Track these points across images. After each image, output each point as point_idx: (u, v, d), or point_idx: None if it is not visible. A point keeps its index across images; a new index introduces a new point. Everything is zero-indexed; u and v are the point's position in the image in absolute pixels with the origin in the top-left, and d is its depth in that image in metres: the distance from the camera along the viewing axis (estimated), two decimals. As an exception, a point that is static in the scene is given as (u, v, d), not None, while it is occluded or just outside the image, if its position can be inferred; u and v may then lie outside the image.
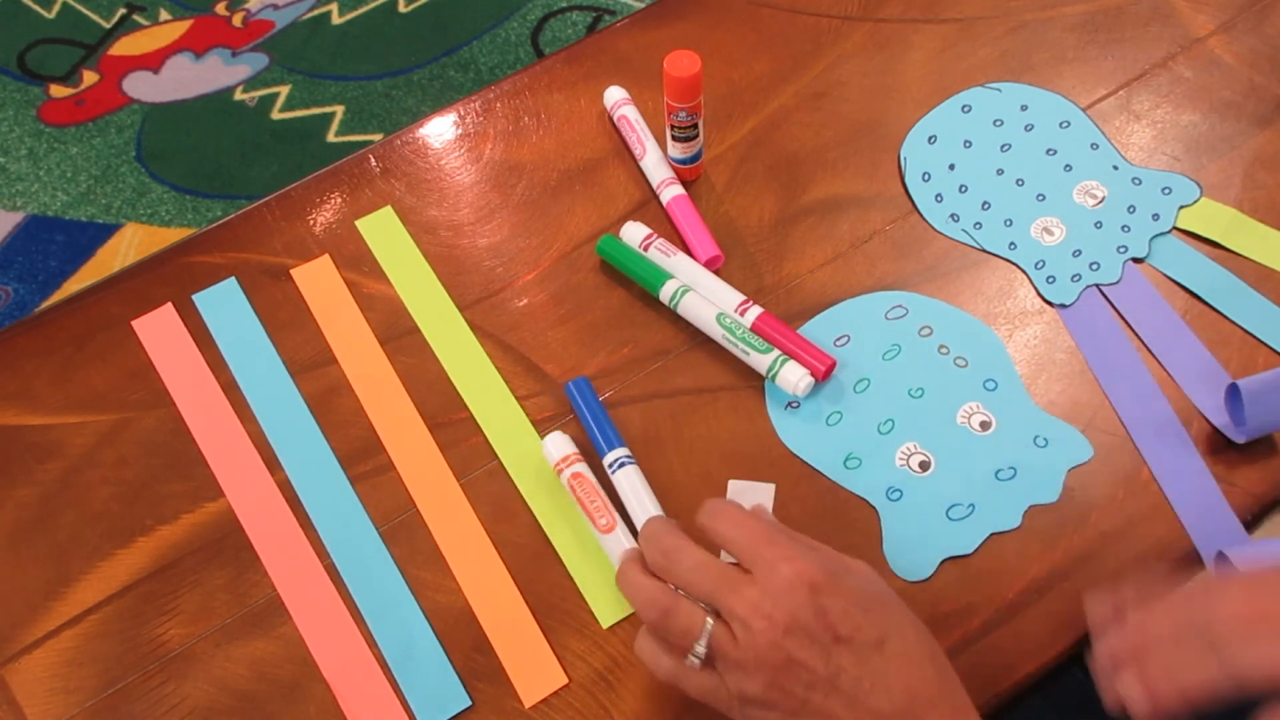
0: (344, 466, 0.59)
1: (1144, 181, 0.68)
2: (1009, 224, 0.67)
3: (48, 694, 0.53)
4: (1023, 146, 0.70)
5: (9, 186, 1.54)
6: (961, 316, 0.62)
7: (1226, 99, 0.71)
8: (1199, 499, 0.56)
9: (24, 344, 0.64)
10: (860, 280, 0.65)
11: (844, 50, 0.75)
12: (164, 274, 0.67)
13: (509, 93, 0.74)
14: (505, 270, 0.66)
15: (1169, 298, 0.63)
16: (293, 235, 0.68)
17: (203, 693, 0.53)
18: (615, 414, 0.60)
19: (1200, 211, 0.66)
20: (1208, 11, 0.75)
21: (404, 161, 0.71)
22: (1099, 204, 0.67)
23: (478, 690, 0.53)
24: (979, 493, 0.57)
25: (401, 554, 0.56)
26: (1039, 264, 0.65)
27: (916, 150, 0.70)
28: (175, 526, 0.58)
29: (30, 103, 1.63)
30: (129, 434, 0.61)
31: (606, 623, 0.54)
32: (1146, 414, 0.59)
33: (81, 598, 0.56)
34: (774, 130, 0.71)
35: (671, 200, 0.67)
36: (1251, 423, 0.56)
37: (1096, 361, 0.61)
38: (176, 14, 1.74)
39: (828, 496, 0.57)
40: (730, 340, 0.60)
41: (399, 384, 0.62)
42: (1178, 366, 0.61)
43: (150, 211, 1.51)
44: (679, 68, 0.62)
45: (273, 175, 1.54)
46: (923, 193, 0.68)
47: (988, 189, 0.68)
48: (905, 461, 0.58)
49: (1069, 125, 0.70)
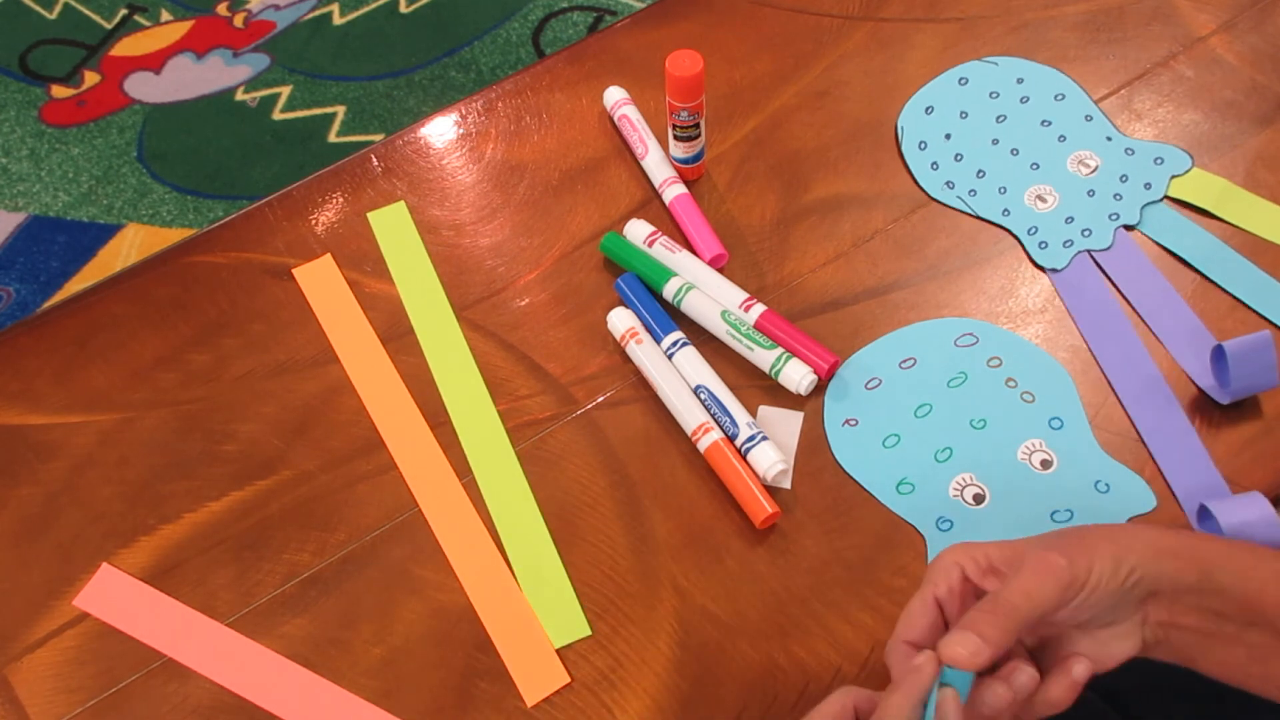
0: (346, 465, 0.59)
1: (1136, 152, 0.68)
2: (1003, 191, 0.67)
3: (50, 693, 0.53)
4: (1018, 117, 0.71)
5: (11, 187, 1.54)
6: (1034, 351, 0.61)
7: (1228, 98, 0.71)
8: (1184, 456, 0.57)
9: (26, 344, 0.64)
10: (862, 279, 0.65)
11: (845, 49, 0.75)
12: (165, 274, 0.67)
13: (510, 92, 0.74)
14: (507, 269, 0.66)
15: (1159, 264, 0.64)
16: (294, 235, 0.68)
17: (204, 692, 0.53)
18: (618, 412, 0.60)
19: (1192, 181, 0.67)
20: (1209, 11, 0.75)
21: (406, 161, 0.71)
22: (1092, 173, 0.68)
23: (479, 689, 0.53)
24: (1032, 532, 0.53)
25: (403, 553, 0.56)
26: (1032, 230, 0.66)
27: (913, 120, 0.71)
28: (178, 525, 0.58)
29: (32, 103, 1.63)
30: (131, 433, 0.61)
31: (559, 643, 0.53)
32: (1135, 375, 0.60)
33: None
34: (776, 129, 0.71)
35: (674, 199, 0.67)
36: (1236, 384, 0.57)
37: (1087, 325, 0.62)
38: (178, 15, 1.74)
39: (875, 518, 0.56)
40: (734, 336, 0.60)
41: (400, 383, 0.62)
42: (1166, 330, 0.61)
43: (151, 212, 1.51)
44: (681, 67, 0.62)
45: (274, 176, 1.54)
46: (919, 160, 0.69)
47: (983, 158, 0.69)
48: (959, 492, 0.57)
49: (1064, 98, 0.71)
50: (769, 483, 0.56)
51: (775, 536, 0.56)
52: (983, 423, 0.59)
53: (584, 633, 0.54)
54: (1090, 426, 0.58)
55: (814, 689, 0.51)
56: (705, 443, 0.57)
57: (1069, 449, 0.58)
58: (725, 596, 0.54)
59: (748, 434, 0.57)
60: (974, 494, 0.57)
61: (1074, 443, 0.58)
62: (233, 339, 0.64)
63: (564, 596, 0.55)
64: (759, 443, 0.56)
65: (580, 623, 0.54)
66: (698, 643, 0.53)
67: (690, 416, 0.58)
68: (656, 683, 0.52)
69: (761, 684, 0.52)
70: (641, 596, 0.55)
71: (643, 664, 0.53)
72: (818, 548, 0.55)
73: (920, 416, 0.59)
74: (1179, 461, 0.57)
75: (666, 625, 0.54)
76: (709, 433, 0.57)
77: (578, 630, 0.54)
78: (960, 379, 0.60)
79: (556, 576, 0.55)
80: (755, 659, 0.52)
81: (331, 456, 0.60)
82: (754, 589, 0.54)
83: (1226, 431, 0.58)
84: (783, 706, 0.51)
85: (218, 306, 0.66)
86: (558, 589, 0.55)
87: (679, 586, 0.55)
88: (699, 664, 0.52)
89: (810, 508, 0.57)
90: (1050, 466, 0.57)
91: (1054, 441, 0.58)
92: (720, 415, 0.58)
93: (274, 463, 0.60)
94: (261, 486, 0.59)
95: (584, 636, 0.54)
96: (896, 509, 0.56)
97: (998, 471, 0.57)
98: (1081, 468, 0.57)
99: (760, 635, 0.53)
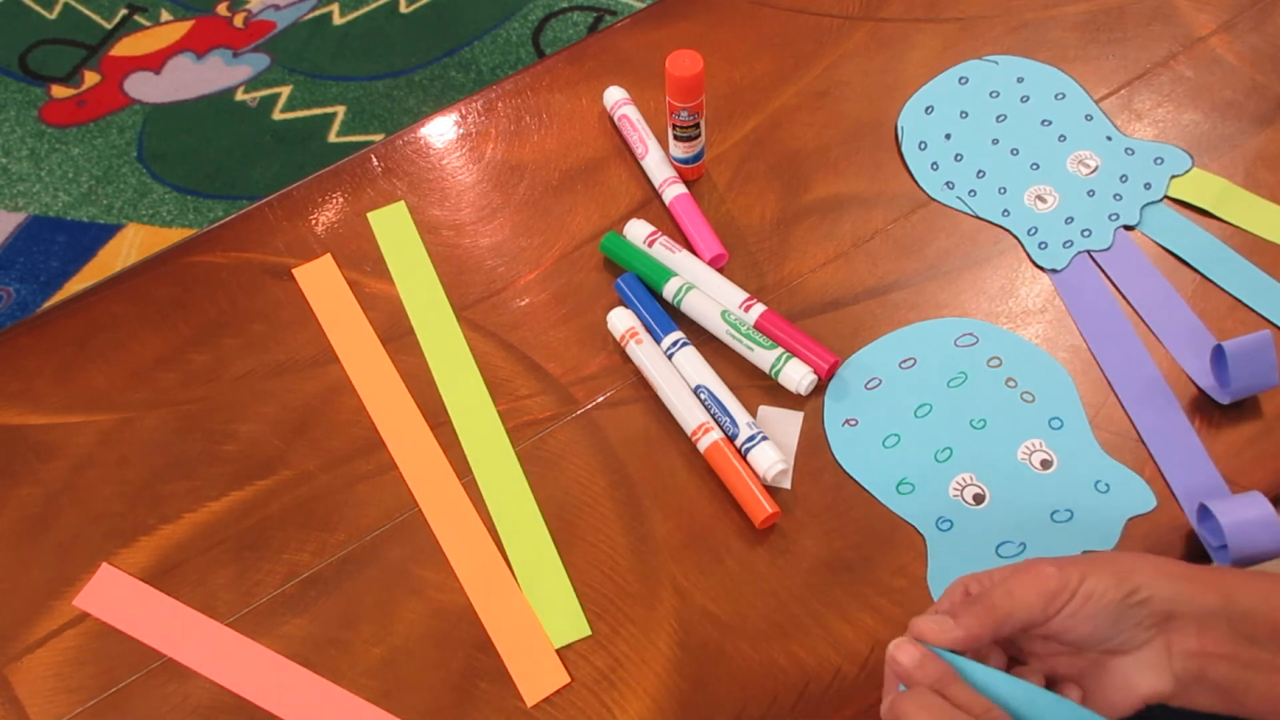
0: (346, 465, 0.59)
1: (1136, 152, 0.68)
2: (1003, 192, 0.67)
3: (50, 693, 0.53)
4: (1018, 117, 0.71)
5: (11, 187, 1.54)
6: (1034, 351, 0.61)
7: (1228, 98, 0.71)
8: (1184, 456, 0.57)
9: (26, 344, 0.64)
10: (862, 279, 0.65)
11: (845, 49, 0.75)
12: (166, 274, 0.67)
13: (510, 92, 0.74)
14: (507, 269, 0.66)
15: (1159, 264, 0.64)
16: (294, 235, 0.68)
17: (204, 692, 0.53)
18: (618, 412, 0.60)
19: (1191, 181, 0.67)
20: (1209, 11, 0.75)
21: (406, 161, 0.71)
22: (1092, 173, 0.68)
23: (479, 689, 0.53)
24: (1032, 532, 0.55)
25: (403, 553, 0.56)
26: (1031, 230, 0.66)
27: (913, 120, 0.71)
28: (178, 525, 0.58)
29: (32, 103, 1.63)
30: (131, 433, 0.61)
31: (559, 643, 0.53)
32: (1135, 375, 0.60)
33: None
34: (776, 129, 0.71)
35: (674, 199, 0.67)
36: (1236, 384, 0.57)
37: (1087, 325, 0.62)
38: (178, 14, 1.74)
39: (875, 518, 0.56)
40: (734, 336, 0.60)
41: (400, 383, 0.62)
42: (1166, 330, 0.61)
43: (151, 212, 1.51)
44: (681, 67, 0.62)
45: (274, 176, 1.54)
46: (918, 160, 0.69)
47: (983, 158, 0.69)
48: (959, 492, 0.57)
49: (1064, 97, 0.71)
50: (769, 483, 0.56)
51: (775, 536, 0.56)
52: (983, 423, 0.59)
53: (584, 633, 0.54)
54: (1090, 426, 0.58)
55: (814, 689, 0.51)
56: (705, 443, 0.57)
57: (1069, 449, 0.58)
58: (725, 596, 0.54)
59: (748, 434, 0.57)
60: (974, 494, 0.57)
61: (1074, 443, 0.58)
62: (233, 339, 0.64)
63: (564, 596, 0.55)
64: (759, 443, 0.56)
65: (580, 623, 0.54)
66: (698, 643, 0.53)
67: (690, 416, 0.58)
68: (656, 683, 0.52)
69: (761, 684, 0.52)
70: (641, 596, 0.55)
71: (643, 664, 0.53)
72: (818, 548, 0.55)
73: (920, 416, 0.59)
74: (1179, 461, 0.57)
75: (666, 625, 0.54)
76: (709, 433, 0.57)
77: (578, 630, 0.54)
78: (960, 379, 0.60)
79: (556, 576, 0.55)
80: (755, 659, 0.52)
81: (331, 456, 0.60)
82: (754, 589, 0.54)
83: (1226, 431, 0.58)
84: (783, 706, 0.51)
85: (218, 306, 0.66)
86: (558, 589, 0.55)
87: (679, 586, 0.55)
88: (699, 664, 0.52)
89: (810, 508, 0.57)
90: (1050, 466, 0.57)
91: (1054, 441, 0.58)
92: (720, 415, 0.58)
93: (274, 463, 0.60)
94: (261, 486, 0.59)
95: (584, 636, 0.54)
96: (896, 509, 0.56)
97: (998, 471, 0.57)
98: (1081, 468, 0.57)
99: (760, 635, 0.53)
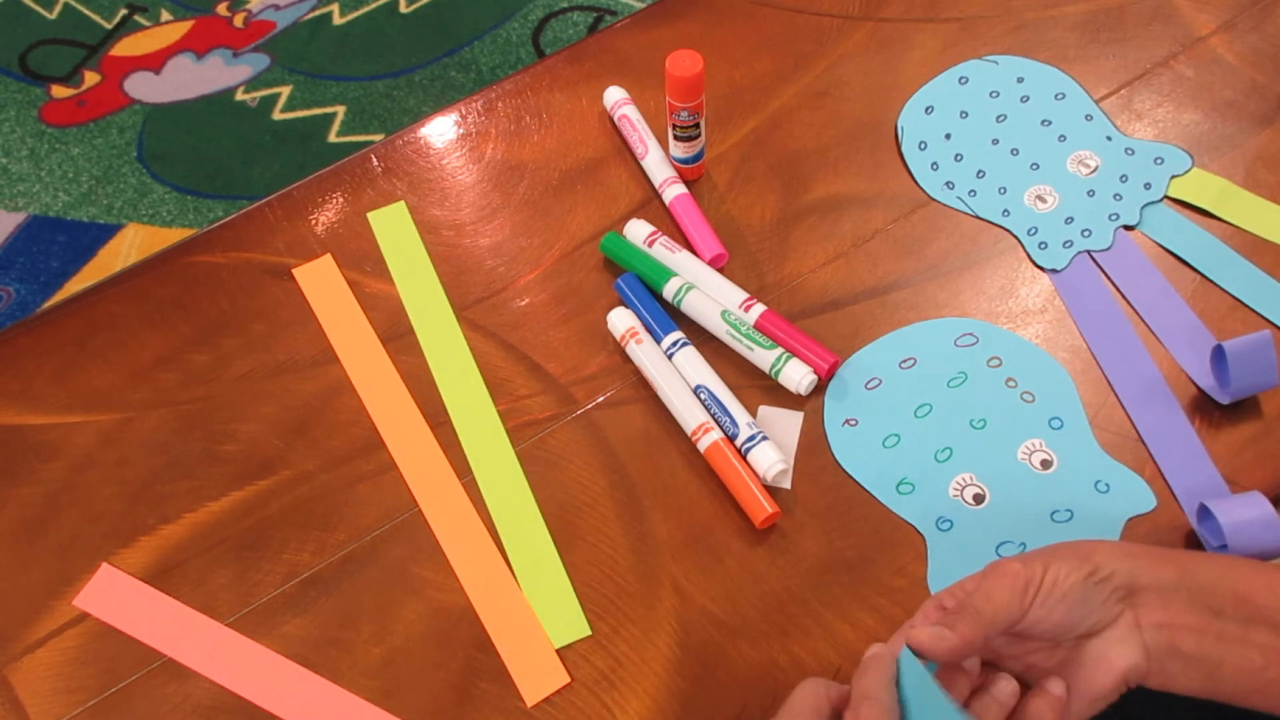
0: (346, 465, 0.59)
1: (1136, 152, 0.68)
2: (1003, 192, 0.67)
3: (50, 693, 0.53)
4: (1018, 117, 0.71)
5: (10, 187, 1.54)
6: (1034, 350, 0.61)
7: (1228, 98, 0.71)
8: (1184, 456, 0.57)
9: (26, 344, 0.64)
10: (862, 279, 0.65)
11: (845, 49, 0.75)
12: (165, 274, 0.67)
13: (510, 92, 0.74)
14: (507, 269, 0.66)
15: (1159, 264, 0.64)
16: (294, 235, 0.68)
17: (204, 692, 0.53)
18: (618, 412, 0.60)
19: (1191, 181, 0.67)
20: (1209, 11, 0.75)
21: (406, 161, 0.71)
22: (1092, 173, 0.68)
23: (479, 689, 0.53)
24: (1032, 532, 0.55)
25: (403, 553, 0.56)
26: (1031, 230, 0.66)
27: (913, 120, 0.71)
28: (178, 525, 0.58)
29: (32, 103, 1.63)
30: (131, 433, 0.61)
31: (559, 643, 0.53)
32: (1135, 375, 0.60)
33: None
34: (776, 129, 0.71)
35: (675, 199, 0.67)
36: (1236, 384, 0.57)
37: (1087, 325, 0.62)
38: (178, 15, 1.74)
39: (875, 518, 0.56)
40: (734, 336, 0.60)
41: (400, 383, 0.62)
42: (1166, 330, 0.61)
43: (151, 212, 1.51)
44: (681, 67, 0.62)
45: (274, 176, 1.54)
46: (918, 160, 0.69)
47: (983, 158, 0.69)
48: (959, 492, 0.57)
49: (1064, 97, 0.71)
50: (769, 483, 0.56)
51: (775, 536, 0.56)
52: (983, 423, 0.59)
53: (584, 633, 0.54)
54: (1090, 426, 0.58)
55: (814, 689, 0.51)
56: (705, 443, 0.57)
57: (1069, 449, 0.58)
58: (725, 596, 0.54)
59: (748, 434, 0.57)
60: (974, 494, 0.57)
61: (1074, 443, 0.58)
62: (233, 339, 0.64)
63: (564, 596, 0.55)
64: (759, 443, 0.56)
65: (580, 623, 0.54)
66: (698, 643, 0.53)
67: (690, 416, 0.58)
68: (656, 683, 0.52)
69: (761, 684, 0.52)
70: (641, 596, 0.55)
71: (643, 664, 0.53)
72: (818, 548, 0.55)
73: (920, 416, 0.59)
74: (1179, 461, 0.57)
75: (666, 625, 0.54)
76: (709, 433, 0.57)
77: (578, 630, 0.54)
78: (960, 379, 0.60)
79: (556, 576, 0.55)
80: (755, 659, 0.52)
81: (331, 456, 0.60)
82: (754, 589, 0.54)
83: (1226, 431, 0.58)
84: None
85: (218, 306, 0.66)
86: (558, 589, 0.55)
87: (679, 586, 0.55)
88: (699, 664, 0.53)
89: (810, 508, 0.57)
90: (1050, 466, 0.57)
91: (1054, 441, 0.58)
92: (720, 415, 0.58)
93: (274, 463, 0.60)
94: (261, 486, 0.59)
95: (584, 636, 0.54)
96: (896, 509, 0.56)
97: (998, 471, 0.57)
98: (1081, 468, 0.57)
99: (760, 635, 0.53)
